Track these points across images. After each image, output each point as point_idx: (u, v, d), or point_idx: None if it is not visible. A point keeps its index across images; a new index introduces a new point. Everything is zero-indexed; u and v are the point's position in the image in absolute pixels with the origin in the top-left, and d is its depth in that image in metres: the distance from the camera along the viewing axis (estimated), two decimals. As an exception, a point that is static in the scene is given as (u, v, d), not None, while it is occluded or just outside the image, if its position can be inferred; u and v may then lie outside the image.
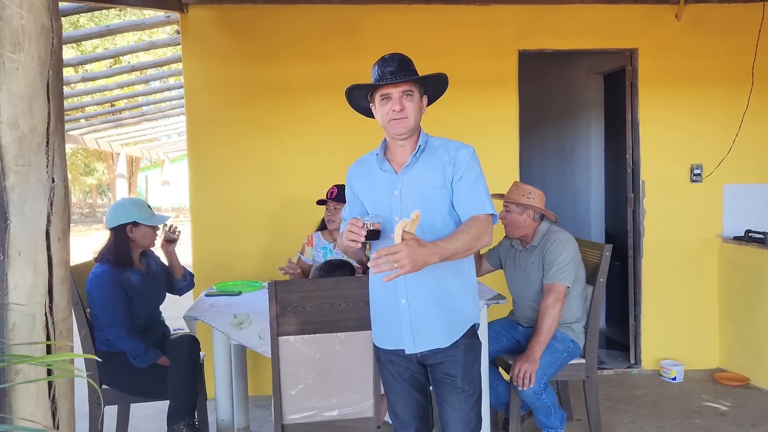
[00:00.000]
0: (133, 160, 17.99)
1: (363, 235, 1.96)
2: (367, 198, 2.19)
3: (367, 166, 2.22)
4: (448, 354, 2.09)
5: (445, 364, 2.09)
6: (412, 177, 2.09)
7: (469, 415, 2.10)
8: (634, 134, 4.45)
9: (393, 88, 2.04)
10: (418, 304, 2.08)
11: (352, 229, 1.97)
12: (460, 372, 2.09)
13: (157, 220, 3.10)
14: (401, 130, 2.07)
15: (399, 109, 2.04)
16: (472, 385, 2.11)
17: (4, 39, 1.51)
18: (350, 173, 2.27)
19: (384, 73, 2.04)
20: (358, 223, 1.97)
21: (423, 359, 2.13)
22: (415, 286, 2.07)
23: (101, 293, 2.90)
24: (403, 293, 2.08)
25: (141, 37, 10.73)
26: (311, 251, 3.55)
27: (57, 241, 1.61)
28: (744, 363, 4.26)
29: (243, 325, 2.82)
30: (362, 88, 2.11)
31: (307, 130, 4.17)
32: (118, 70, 6.31)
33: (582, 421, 3.50)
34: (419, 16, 4.19)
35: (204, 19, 4.09)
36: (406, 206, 2.06)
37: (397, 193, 2.09)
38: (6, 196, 1.53)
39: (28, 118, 1.54)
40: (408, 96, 2.06)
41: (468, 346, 2.11)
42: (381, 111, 2.08)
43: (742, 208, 4.42)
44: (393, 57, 2.07)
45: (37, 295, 1.57)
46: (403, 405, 2.18)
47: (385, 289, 2.11)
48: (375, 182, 2.16)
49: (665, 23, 4.34)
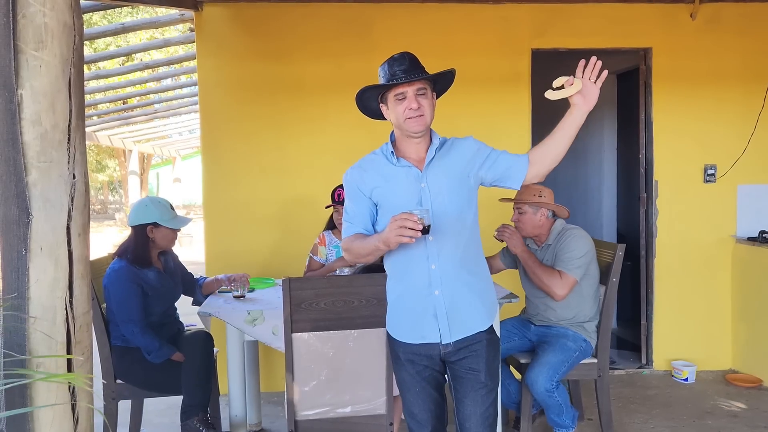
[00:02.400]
0: (145, 157, 18.08)
1: (420, 230, 1.90)
2: (384, 196, 2.14)
3: (375, 165, 2.19)
4: (472, 349, 2.12)
5: (468, 359, 2.12)
6: (435, 171, 2.12)
7: (489, 410, 2.12)
8: (647, 134, 4.43)
9: (407, 87, 2.06)
10: (451, 293, 2.11)
11: (406, 225, 1.88)
12: (483, 366, 2.12)
13: (178, 223, 3.10)
14: (419, 127, 2.08)
15: (416, 107, 2.05)
16: (494, 380, 2.14)
17: (28, 37, 1.53)
18: (352, 177, 2.20)
19: (396, 72, 2.05)
20: (413, 217, 1.89)
21: (447, 356, 2.14)
22: (448, 277, 2.10)
23: (118, 289, 2.92)
24: (437, 284, 2.10)
25: (153, 35, 10.79)
26: (324, 250, 3.55)
27: (77, 236, 1.63)
28: (757, 364, 4.24)
29: (257, 322, 2.84)
30: (377, 88, 2.11)
31: (321, 128, 4.18)
32: (131, 67, 6.36)
33: (593, 420, 3.50)
34: (433, 15, 4.19)
35: (218, 16, 4.11)
36: (436, 198, 2.09)
37: (424, 185, 2.11)
38: (28, 191, 1.55)
39: (50, 115, 1.56)
40: (422, 94, 2.08)
41: (489, 341, 2.16)
42: (395, 110, 2.09)
43: (756, 208, 4.39)
44: (404, 56, 2.08)
45: (58, 290, 1.59)
46: (421, 405, 2.18)
47: (413, 282, 2.13)
48: (394, 179, 2.14)
49: (680, 22, 4.32)
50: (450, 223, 2.09)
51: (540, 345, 3.14)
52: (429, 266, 2.10)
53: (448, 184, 2.11)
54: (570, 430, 3.08)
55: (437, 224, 2.06)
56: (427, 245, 2.09)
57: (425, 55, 2.17)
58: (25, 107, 1.53)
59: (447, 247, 2.10)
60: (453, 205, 2.10)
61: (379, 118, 2.23)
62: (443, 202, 2.09)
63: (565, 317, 3.14)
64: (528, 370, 3.01)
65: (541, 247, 3.20)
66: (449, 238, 2.10)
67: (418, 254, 2.10)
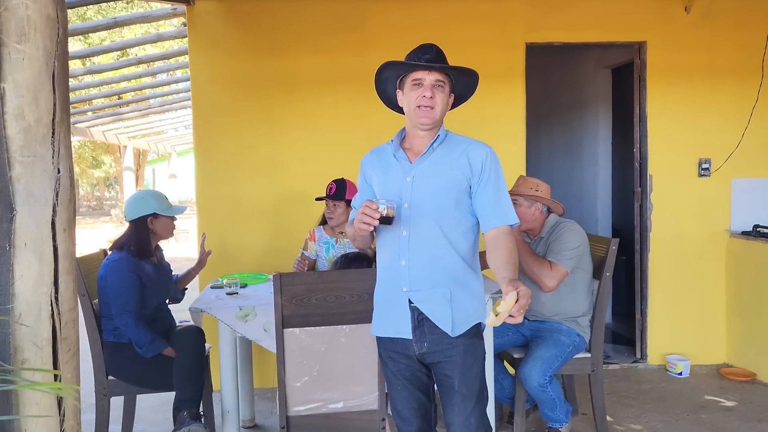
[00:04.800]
0: (140, 153, 18.03)
1: (377, 219, 1.91)
2: (378, 185, 2.16)
3: (382, 154, 2.20)
4: (446, 354, 2.04)
5: (443, 364, 2.05)
6: (426, 166, 2.07)
7: (468, 419, 2.03)
8: (641, 128, 4.42)
9: (426, 74, 2.01)
10: (420, 292, 2.04)
11: (366, 212, 1.92)
12: (457, 373, 2.03)
13: (176, 211, 3.16)
14: (426, 120, 2.04)
15: (430, 96, 2.01)
16: (471, 387, 2.04)
17: (10, 29, 1.51)
18: (364, 161, 2.25)
19: (420, 58, 2.02)
20: (372, 205, 1.92)
21: (422, 357, 2.08)
22: (418, 275, 2.04)
23: (117, 279, 2.92)
24: (406, 281, 2.05)
25: (148, 29, 10.72)
26: (314, 246, 3.56)
27: (62, 231, 1.61)
28: (751, 358, 4.24)
29: (248, 318, 2.82)
30: (397, 66, 2.07)
31: (314, 123, 4.16)
32: (126, 62, 6.32)
33: (587, 415, 3.50)
34: (427, 9, 4.17)
35: (211, 11, 4.08)
36: (417, 194, 2.04)
37: (409, 180, 2.07)
38: (12, 186, 1.53)
39: (34, 109, 1.54)
40: (440, 87, 2.03)
41: (468, 347, 2.05)
42: (409, 96, 2.05)
43: (750, 202, 4.39)
44: (431, 46, 2.05)
45: (43, 286, 1.57)
46: (404, 402, 2.15)
47: (389, 277, 2.11)
48: (389, 170, 2.14)
49: (675, 16, 4.31)
50: (426, 222, 2.03)
51: (533, 340, 3.13)
52: (399, 261, 2.06)
53: (433, 183, 2.05)
54: (564, 425, 3.07)
55: (413, 221, 2.03)
56: (400, 240, 2.05)
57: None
58: (7, 101, 1.51)
59: (420, 245, 2.04)
60: (433, 204, 2.03)
61: (393, 107, 2.19)
62: (423, 200, 2.04)
63: (559, 312, 3.13)
64: (521, 365, 3.00)
65: (534, 240, 3.19)
66: (424, 238, 2.04)
67: (393, 248, 2.08)
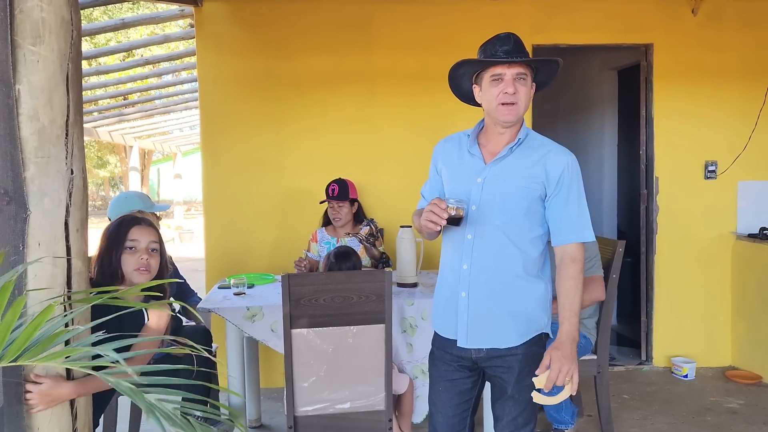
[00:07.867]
0: (146, 153, 18.06)
1: (444, 219, 1.85)
2: (447, 180, 2.06)
3: (456, 145, 2.07)
4: (504, 360, 1.96)
5: (500, 368, 1.97)
6: (501, 169, 1.95)
7: (516, 419, 1.97)
8: (647, 130, 4.42)
9: (506, 69, 1.88)
10: (477, 299, 1.96)
11: (434, 210, 1.84)
12: (512, 380, 1.95)
13: (161, 208, 3.23)
14: (510, 117, 1.91)
15: (512, 91, 1.87)
16: (524, 394, 1.95)
17: (25, 32, 1.53)
18: (437, 149, 2.13)
19: (497, 51, 1.88)
20: (442, 204, 1.84)
21: (479, 361, 1.99)
22: (477, 282, 1.96)
23: None
24: (465, 285, 1.96)
25: (154, 30, 10.75)
26: (316, 247, 3.58)
27: (75, 231, 1.63)
28: (756, 361, 4.24)
29: (256, 318, 2.83)
30: (472, 64, 1.94)
31: (320, 124, 4.17)
32: (132, 63, 6.34)
33: (593, 417, 3.50)
34: (432, 10, 4.17)
35: (218, 12, 4.10)
36: (486, 197, 1.94)
37: (480, 181, 1.95)
38: (26, 187, 1.55)
39: (48, 110, 1.56)
40: (522, 80, 1.89)
41: (526, 356, 1.95)
42: (489, 93, 1.92)
43: (756, 205, 4.38)
44: (509, 36, 1.90)
45: (56, 285, 1.59)
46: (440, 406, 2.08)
47: (450, 280, 2.03)
48: (461, 165, 2.02)
49: (681, 18, 4.31)
50: (492, 228, 1.93)
51: (539, 341, 3.13)
52: (461, 265, 1.97)
53: (505, 189, 1.93)
54: (569, 427, 3.08)
55: (479, 225, 1.94)
56: (464, 243, 1.96)
57: (424, 50, 2.14)
58: (22, 102, 1.53)
59: (484, 251, 1.94)
60: (502, 210, 1.92)
61: (469, 101, 2.06)
62: (492, 204, 1.93)
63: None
64: (527, 367, 3.00)
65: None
66: (488, 243, 1.94)
67: (456, 251, 2.00)
